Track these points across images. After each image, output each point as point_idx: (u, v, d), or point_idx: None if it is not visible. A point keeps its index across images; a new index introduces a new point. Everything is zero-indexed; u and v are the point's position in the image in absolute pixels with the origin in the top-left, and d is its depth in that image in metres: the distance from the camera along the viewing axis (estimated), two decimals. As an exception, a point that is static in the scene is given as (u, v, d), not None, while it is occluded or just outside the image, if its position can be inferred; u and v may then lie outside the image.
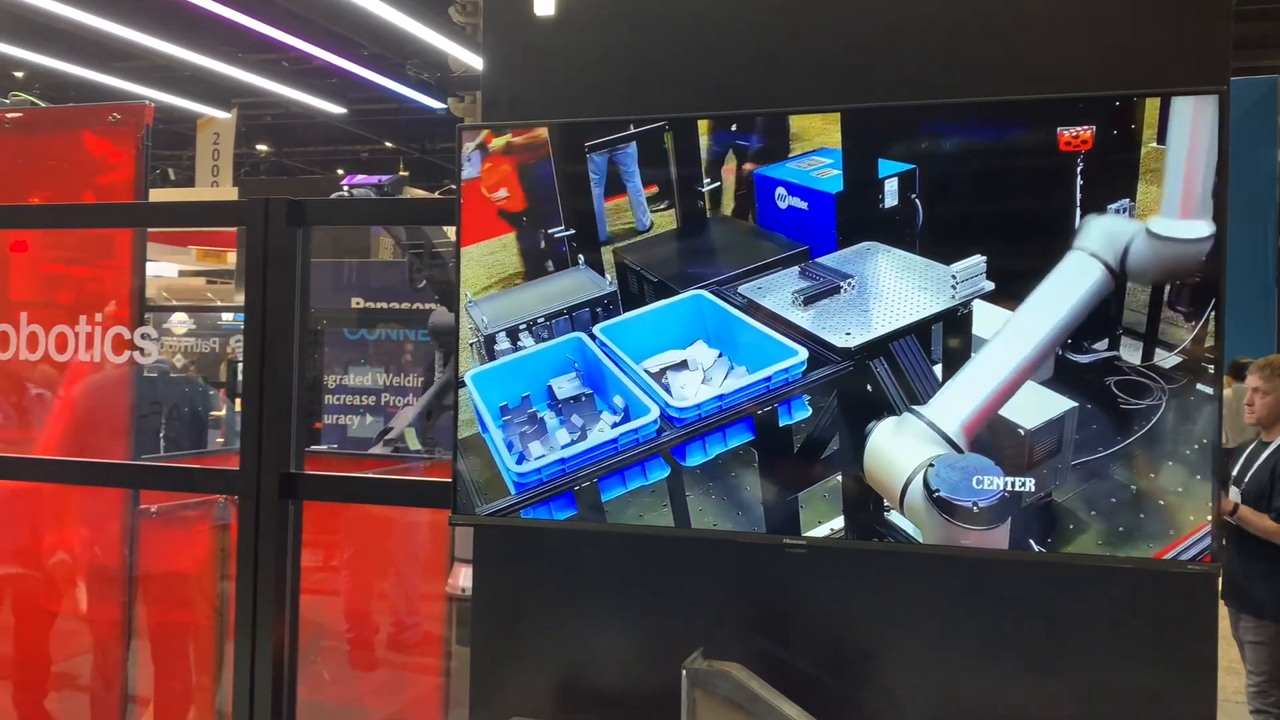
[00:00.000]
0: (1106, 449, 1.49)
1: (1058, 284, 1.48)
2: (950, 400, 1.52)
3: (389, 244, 8.91)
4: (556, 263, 1.71)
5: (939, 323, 1.52)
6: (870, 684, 1.73)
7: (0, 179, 2.98)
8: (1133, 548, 1.48)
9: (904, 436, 1.53)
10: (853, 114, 1.56)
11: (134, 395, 2.95)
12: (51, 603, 3.11)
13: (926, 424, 1.52)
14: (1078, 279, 1.48)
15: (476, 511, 1.76)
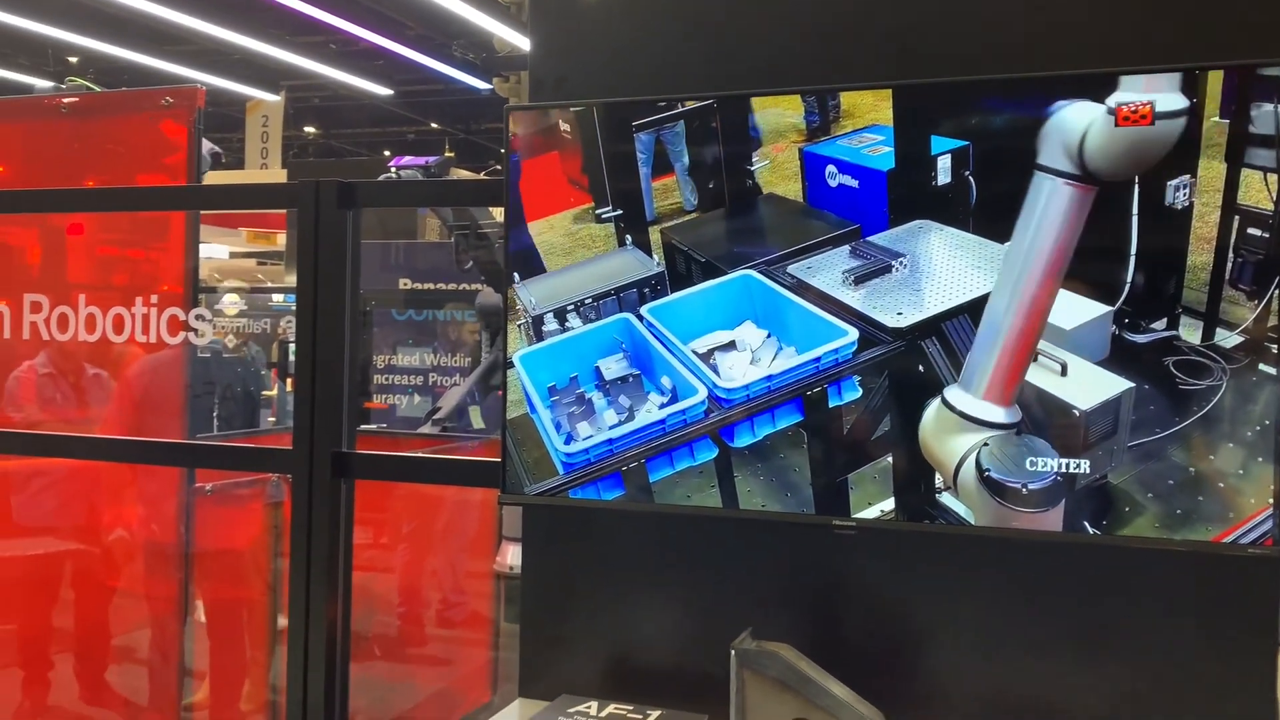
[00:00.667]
0: (1164, 430, 1.46)
1: (1027, 216, 1.46)
2: (967, 375, 1.50)
3: (435, 225, 8.97)
4: (602, 244, 1.71)
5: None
6: (919, 667, 1.72)
7: (58, 163, 3.04)
8: (1190, 531, 1.45)
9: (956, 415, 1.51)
10: (905, 90, 1.54)
11: (188, 375, 3.00)
12: (111, 578, 3.18)
13: (945, 405, 1.50)
14: (1042, 205, 1.45)
15: (525, 491, 1.76)
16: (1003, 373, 1.49)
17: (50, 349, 2.93)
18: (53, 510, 3.19)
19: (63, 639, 3.23)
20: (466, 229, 4.28)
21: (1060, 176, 1.45)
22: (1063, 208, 1.46)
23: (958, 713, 1.70)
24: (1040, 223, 1.47)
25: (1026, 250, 1.47)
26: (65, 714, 3.21)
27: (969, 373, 1.50)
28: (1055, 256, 1.47)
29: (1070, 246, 1.46)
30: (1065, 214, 1.46)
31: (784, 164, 1.59)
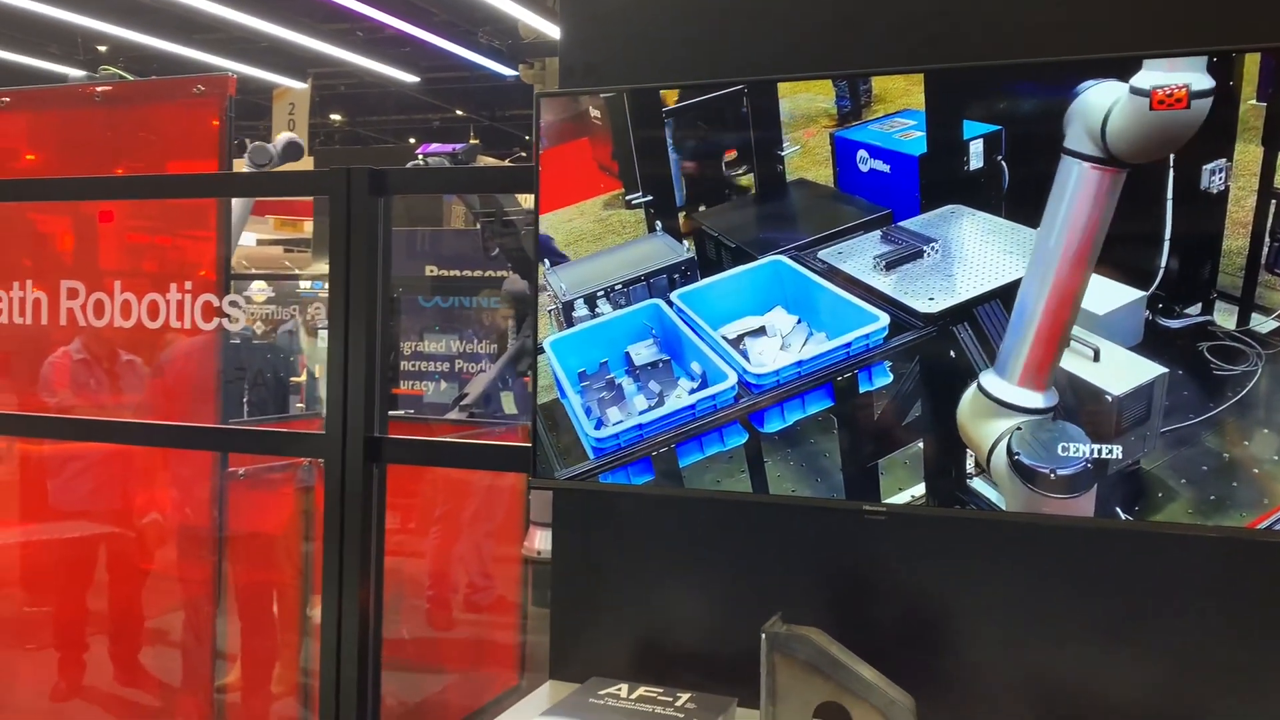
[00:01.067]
0: (1198, 416, 1.45)
1: (1056, 201, 1.45)
2: (1001, 361, 1.49)
3: (460, 212, 9.00)
4: (632, 229, 1.71)
5: (1025, 287, 1.49)
6: (949, 652, 1.72)
7: (91, 151, 3.08)
8: (1224, 517, 1.45)
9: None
10: (937, 75, 1.53)
11: (220, 361, 3.03)
12: (145, 561, 3.23)
13: (980, 391, 1.50)
14: (1070, 189, 1.44)
15: (555, 476, 1.78)
16: (1036, 358, 1.49)
17: (85, 334, 2.97)
18: (88, 494, 3.24)
19: (98, 621, 3.28)
20: (492, 216, 4.30)
21: (1086, 160, 1.44)
22: (1090, 191, 1.45)
23: (987, 698, 1.70)
24: (1068, 207, 1.46)
25: (1056, 235, 1.47)
26: (100, 694, 3.26)
27: (1003, 358, 1.50)
28: (1084, 241, 1.46)
29: (1100, 231, 1.45)
30: (1093, 198, 1.45)
31: (815, 149, 1.59)
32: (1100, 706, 1.65)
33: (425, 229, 8.34)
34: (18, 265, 2.99)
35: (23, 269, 2.96)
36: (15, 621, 3.29)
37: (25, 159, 3.21)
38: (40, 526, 3.30)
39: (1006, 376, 1.50)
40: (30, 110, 3.16)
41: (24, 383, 3.14)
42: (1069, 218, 1.46)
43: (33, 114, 3.16)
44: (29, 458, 3.27)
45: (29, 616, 3.28)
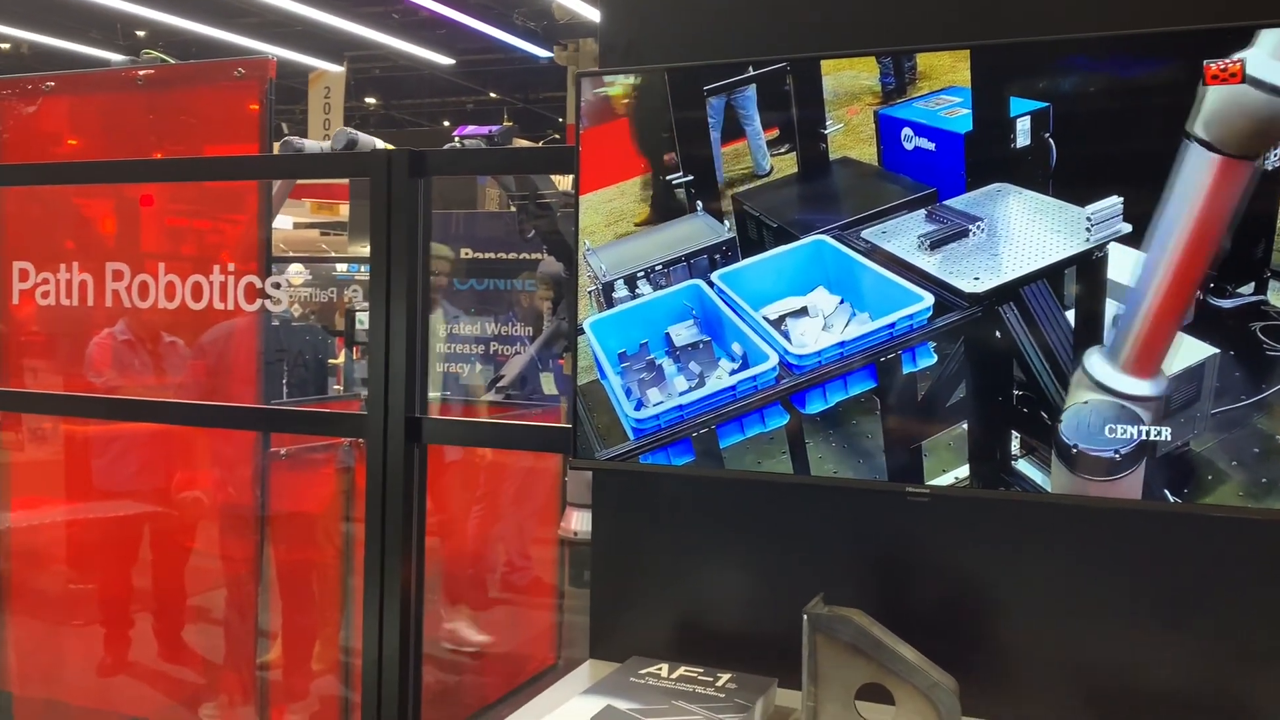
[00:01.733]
0: (1249, 397, 1.43)
1: (1177, 189, 1.41)
2: (1111, 348, 1.47)
3: (494, 195, 9.01)
4: (674, 209, 1.71)
5: (1072, 267, 1.47)
6: (992, 635, 1.71)
7: (133, 135, 3.11)
8: (1275, 500, 1.42)
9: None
10: (983, 51, 1.51)
11: (261, 343, 3.06)
12: (189, 540, 3.27)
13: (1083, 372, 1.47)
14: (1189, 175, 1.40)
15: (595, 456, 1.78)
16: (1146, 345, 1.45)
17: (128, 316, 3.01)
18: (133, 474, 3.29)
19: (143, 598, 3.34)
20: (527, 198, 4.30)
21: (1201, 144, 1.40)
22: (1202, 178, 1.40)
23: (1030, 682, 1.69)
24: (1181, 192, 1.41)
25: (1168, 220, 1.42)
26: (145, 670, 3.32)
27: (1113, 345, 1.46)
28: (1195, 229, 1.42)
29: (1215, 220, 1.41)
30: (1203, 184, 1.41)
31: (858, 127, 1.57)
32: (1145, 692, 1.64)
33: (459, 212, 8.36)
34: (64, 248, 3.03)
35: (69, 252, 3.00)
36: (63, 598, 3.35)
37: (68, 143, 3.25)
38: (86, 505, 3.35)
39: (1115, 362, 1.46)
40: (74, 94, 3.20)
41: (71, 364, 3.19)
42: (1185, 211, 1.41)
43: (76, 98, 3.20)
44: (74, 438, 3.33)
45: (76, 594, 3.34)
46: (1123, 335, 1.46)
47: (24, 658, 3.40)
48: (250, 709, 3.23)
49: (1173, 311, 1.44)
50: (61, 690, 3.40)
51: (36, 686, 3.41)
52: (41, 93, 3.15)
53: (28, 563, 3.38)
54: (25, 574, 3.38)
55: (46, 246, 3.05)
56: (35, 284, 2.95)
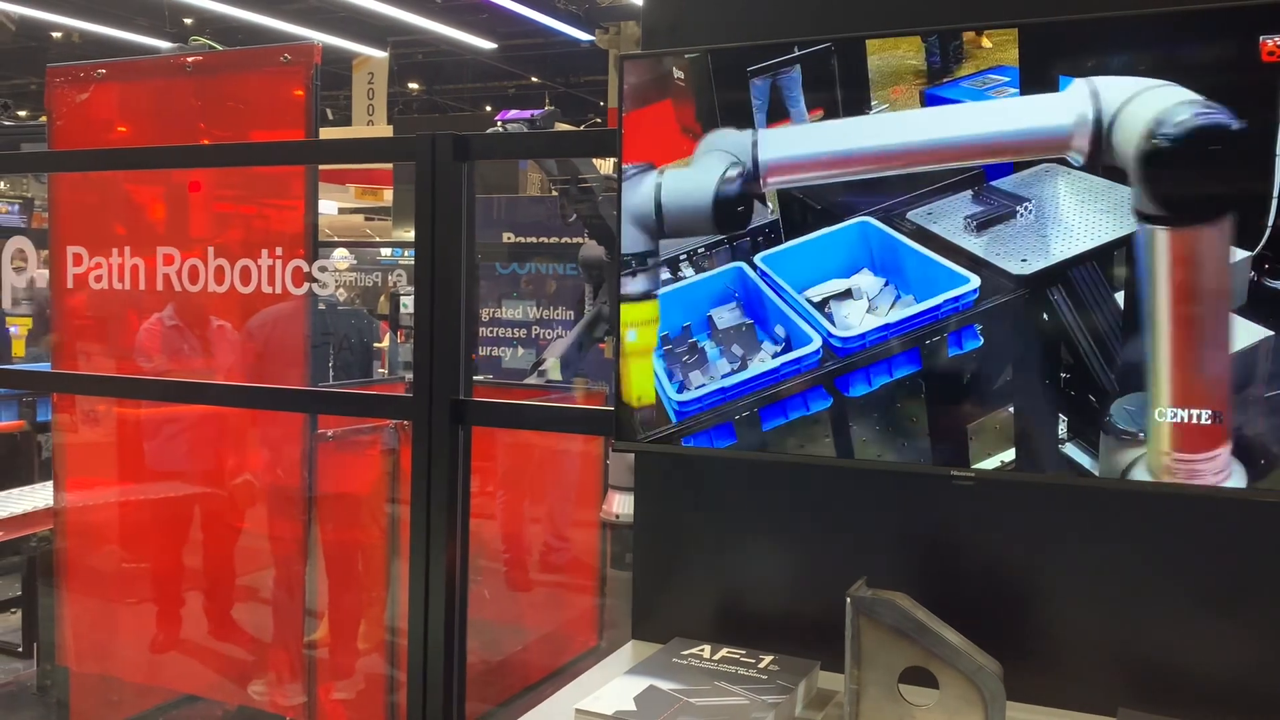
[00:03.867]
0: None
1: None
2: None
3: (535, 180, 9.03)
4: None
5: (1122, 248, 1.45)
6: (1037, 620, 1.70)
7: (182, 121, 3.15)
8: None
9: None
10: (1031, 29, 1.49)
11: (308, 326, 3.10)
12: (238, 520, 3.33)
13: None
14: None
15: (638, 439, 1.79)
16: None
17: (177, 301, 3.06)
18: (184, 455, 3.35)
19: (194, 577, 3.40)
20: (569, 183, 4.31)
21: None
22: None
23: (1075, 668, 1.68)
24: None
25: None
26: (196, 648, 3.39)
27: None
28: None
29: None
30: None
31: (904, 106, 1.56)
32: (1192, 680, 1.61)
33: (501, 196, 8.41)
34: (116, 233, 3.08)
35: (120, 237, 3.06)
36: (117, 577, 3.43)
37: (119, 130, 3.30)
38: (138, 486, 3.42)
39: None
40: (124, 81, 3.24)
41: (122, 347, 3.25)
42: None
43: (126, 85, 3.25)
44: (127, 420, 3.40)
45: (129, 572, 3.42)
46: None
47: (79, 634, 3.48)
48: (298, 686, 3.28)
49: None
50: (115, 666, 3.48)
51: (92, 662, 3.49)
52: (93, 80, 3.20)
53: (82, 542, 3.46)
54: (80, 553, 3.46)
55: (99, 231, 3.10)
56: (89, 268, 3.01)
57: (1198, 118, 1.39)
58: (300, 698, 3.26)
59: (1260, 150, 1.38)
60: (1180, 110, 1.40)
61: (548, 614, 4.15)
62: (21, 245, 2.91)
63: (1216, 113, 1.39)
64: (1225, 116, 1.38)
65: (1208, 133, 1.39)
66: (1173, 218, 1.42)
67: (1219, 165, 1.40)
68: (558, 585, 4.16)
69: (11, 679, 4.12)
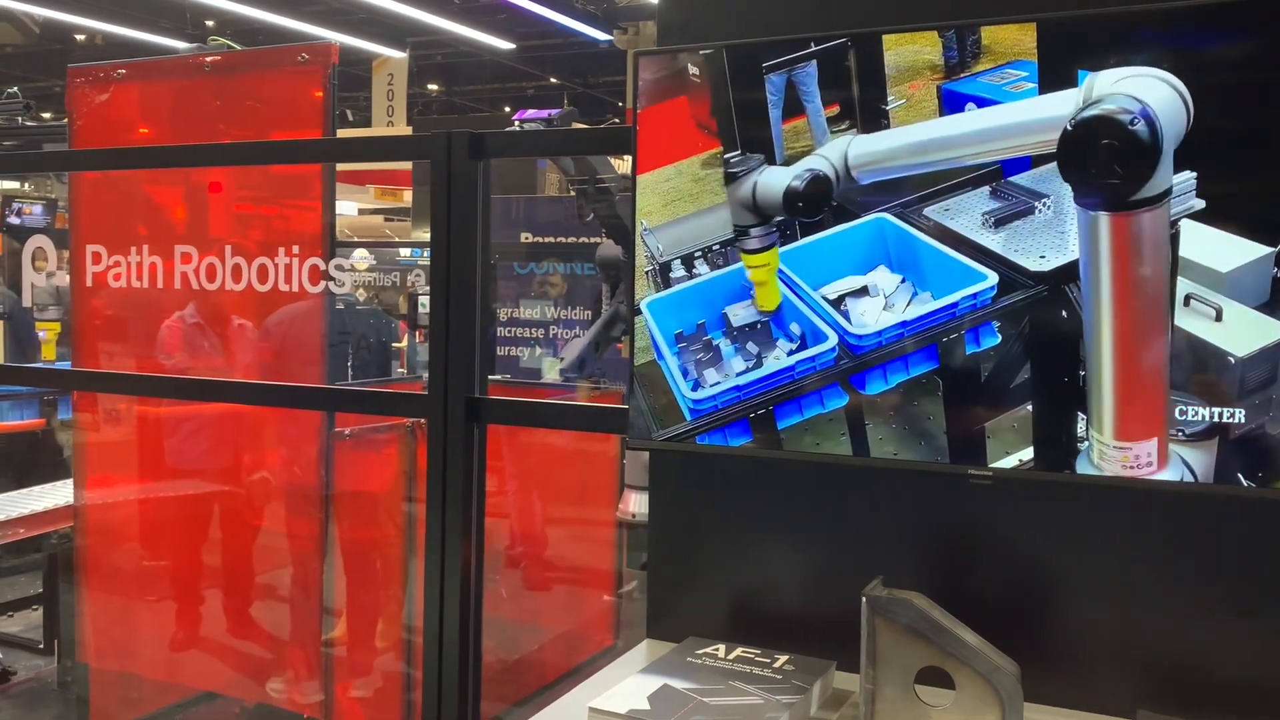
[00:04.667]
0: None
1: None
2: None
3: (554, 181, 9.05)
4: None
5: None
6: (1054, 620, 1.68)
7: (201, 121, 3.17)
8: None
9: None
10: (1050, 23, 1.47)
11: (326, 325, 3.11)
12: (256, 518, 3.34)
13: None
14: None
15: (653, 437, 1.78)
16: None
17: (197, 299, 3.08)
18: (202, 453, 3.37)
19: (212, 575, 3.42)
20: (586, 182, 4.30)
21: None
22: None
23: (1093, 669, 1.66)
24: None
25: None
26: (215, 645, 3.41)
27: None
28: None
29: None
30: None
31: (921, 102, 1.54)
32: (1213, 682, 1.59)
33: (519, 196, 8.41)
34: (135, 232, 3.10)
35: (140, 236, 3.07)
36: (136, 574, 3.45)
37: (139, 130, 3.32)
38: (156, 484, 3.44)
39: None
40: (144, 81, 3.26)
41: (142, 346, 3.27)
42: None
43: (146, 85, 3.26)
44: (147, 418, 3.41)
45: (148, 570, 3.43)
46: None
47: (99, 631, 3.50)
48: (315, 684, 3.29)
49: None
50: (134, 663, 3.50)
51: (111, 659, 3.51)
52: (113, 80, 3.22)
53: (101, 539, 3.48)
54: (98, 550, 3.48)
55: (118, 230, 3.12)
56: (108, 267, 3.02)
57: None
58: (318, 695, 3.27)
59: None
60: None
61: (564, 614, 4.15)
62: (42, 244, 2.93)
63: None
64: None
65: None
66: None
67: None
68: (574, 585, 4.15)
69: (33, 675, 4.16)
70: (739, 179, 1.66)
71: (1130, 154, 1.41)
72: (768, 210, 1.65)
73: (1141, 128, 1.41)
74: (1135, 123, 1.41)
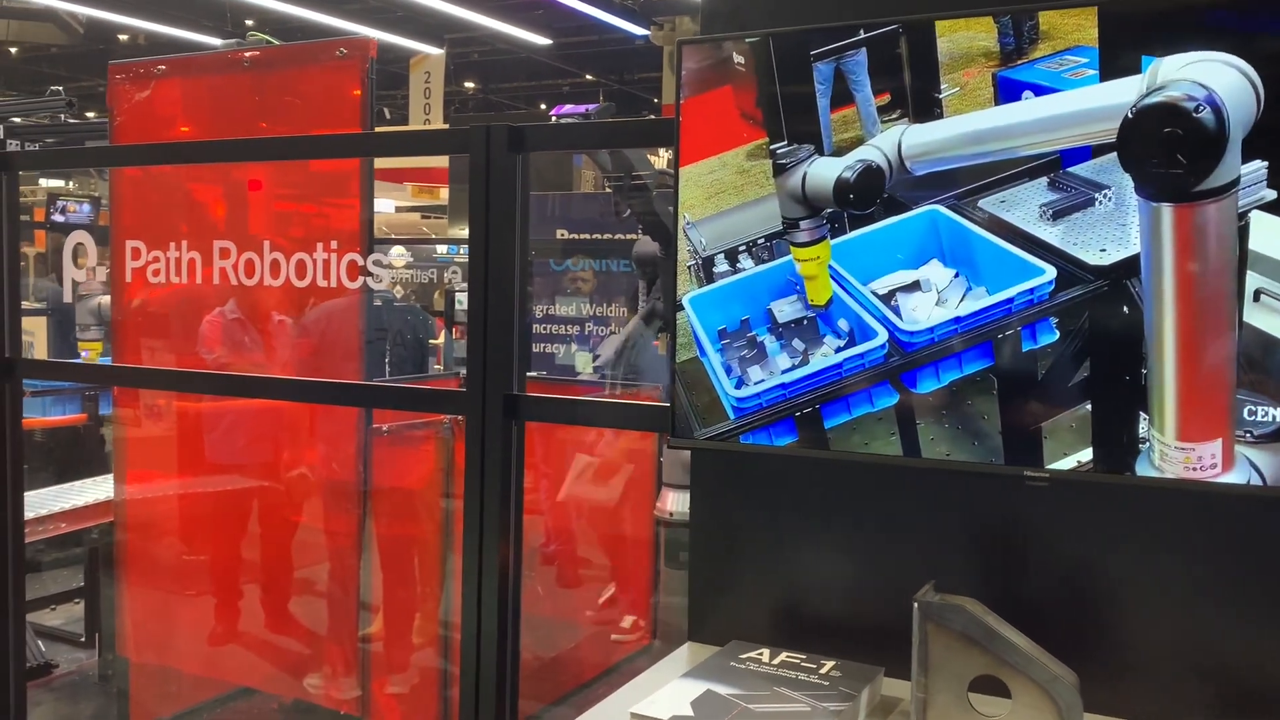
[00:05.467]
0: None
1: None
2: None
3: (590, 178, 9.02)
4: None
5: (1210, 237, 1.37)
6: (1114, 627, 1.62)
7: (240, 117, 3.16)
8: None
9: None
10: (1113, 7, 1.41)
11: (364, 321, 3.10)
12: (294, 514, 3.34)
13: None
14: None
15: (695, 435, 1.74)
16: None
17: (238, 295, 3.07)
18: (240, 449, 3.37)
19: (251, 570, 3.42)
20: (624, 178, 4.27)
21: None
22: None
23: (1155, 677, 1.60)
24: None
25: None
26: (252, 640, 3.41)
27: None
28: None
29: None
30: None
31: (976, 90, 1.49)
32: (1277, 692, 1.53)
33: (556, 193, 8.41)
34: (175, 229, 3.10)
35: (180, 233, 3.08)
36: (172, 568, 3.46)
37: (179, 127, 3.32)
38: (193, 480, 3.45)
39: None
40: (184, 77, 3.27)
41: (181, 341, 3.27)
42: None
43: (186, 81, 3.27)
44: (183, 414, 3.42)
45: (184, 564, 3.45)
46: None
47: (136, 625, 3.52)
48: (352, 680, 3.29)
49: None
50: (171, 657, 3.51)
51: (149, 653, 3.53)
52: (153, 76, 3.23)
53: (138, 534, 3.49)
54: (136, 544, 3.50)
55: (158, 228, 3.12)
56: (147, 263, 3.03)
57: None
58: (355, 691, 3.27)
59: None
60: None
61: (601, 612, 4.12)
62: (82, 240, 2.94)
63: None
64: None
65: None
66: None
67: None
68: (612, 584, 4.12)
69: (75, 668, 4.19)
70: (788, 170, 1.62)
71: (1194, 143, 1.35)
72: (817, 202, 1.61)
73: (1207, 115, 1.35)
74: (1200, 110, 1.34)
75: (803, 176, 1.61)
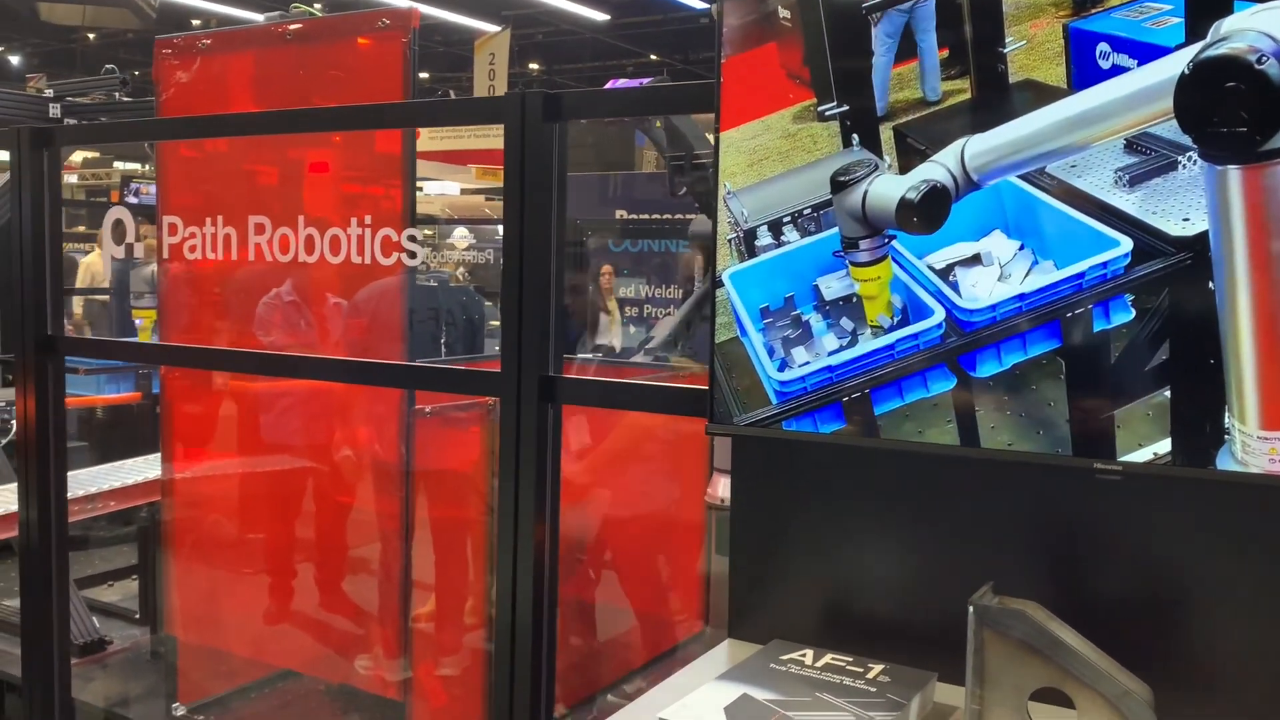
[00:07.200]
0: None
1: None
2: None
3: (652, 159, 8.91)
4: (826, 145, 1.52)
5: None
6: (1190, 636, 1.48)
7: (284, 89, 3.11)
8: None
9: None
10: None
11: (411, 301, 3.03)
12: (341, 495, 3.30)
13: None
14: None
15: (735, 421, 1.63)
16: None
17: (295, 276, 3.04)
18: (284, 429, 3.34)
19: (292, 551, 3.40)
20: (682, 158, 4.16)
21: None
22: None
23: (1234, 692, 1.46)
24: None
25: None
26: (301, 621, 3.39)
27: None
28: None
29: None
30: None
31: (1044, 43, 1.35)
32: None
33: (616, 173, 8.31)
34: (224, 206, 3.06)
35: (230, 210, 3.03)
36: (217, 548, 3.45)
37: (223, 103, 3.28)
38: (237, 460, 3.43)
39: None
40: (228, 52, 3.22)
41: (227, 319, 3.25)
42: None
43: (230, 56, 3.23)
44: (231, 393, 3.40)
45: (229, 544, 3.44)
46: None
47: (184, 605, 3.52)
48: (398, 663, 3.25)
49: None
50: (218, 637, 3.51)
51: (195, 633, 3.53)
52: (198, 51, 3.19)
53: (184, 513, 3.49)
54: (182, 524, 3.50)
55: (204, 204, 3.09)
56: (189, 240, 2.99)
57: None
58: (401, 674, 3.23)
59: None
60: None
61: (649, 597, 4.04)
62: (120, 216, 2.91)
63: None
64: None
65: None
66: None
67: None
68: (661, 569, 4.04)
69: (129, 645, 4.22)
70: (848, 188, 1.49)
71: (1258, 97, 1.19)
72: (878, 222, 1.48)
73: (1272, 66, 1.19)
74: (1264, 60, 1.19)
75: (863, 195, 1.48)
